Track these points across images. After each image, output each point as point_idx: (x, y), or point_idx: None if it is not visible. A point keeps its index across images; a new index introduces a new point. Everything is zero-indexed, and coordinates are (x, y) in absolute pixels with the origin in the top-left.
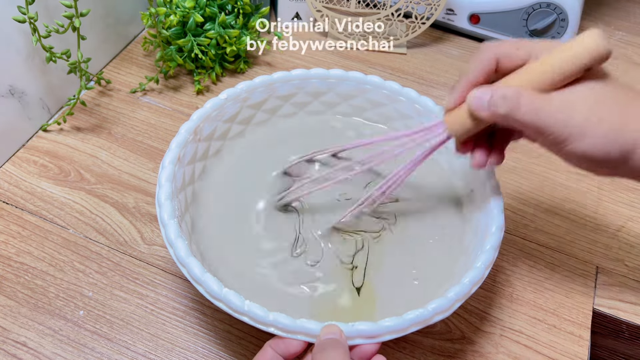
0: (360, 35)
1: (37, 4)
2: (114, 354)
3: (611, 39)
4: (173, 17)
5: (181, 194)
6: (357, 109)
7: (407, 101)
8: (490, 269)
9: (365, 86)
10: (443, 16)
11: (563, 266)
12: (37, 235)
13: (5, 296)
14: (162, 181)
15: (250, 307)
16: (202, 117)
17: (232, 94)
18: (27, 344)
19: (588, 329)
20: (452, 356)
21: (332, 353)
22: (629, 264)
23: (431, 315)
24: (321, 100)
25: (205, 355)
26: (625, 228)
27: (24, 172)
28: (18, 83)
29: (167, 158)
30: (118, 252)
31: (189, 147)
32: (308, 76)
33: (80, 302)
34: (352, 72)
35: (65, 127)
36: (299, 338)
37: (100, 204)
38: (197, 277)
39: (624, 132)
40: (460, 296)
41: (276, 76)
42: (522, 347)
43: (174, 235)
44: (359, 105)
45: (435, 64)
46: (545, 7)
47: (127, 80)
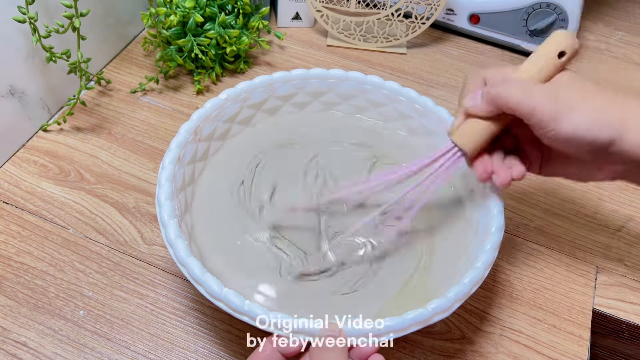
0: (360, 35)
1: (37, 4)
2: (114, 353)
3: (611, 39)
4: (173, 17)
5: (181, 194)
6: (357, 108)
7: (407, 101)
8: (490, 269)
9: (365, 86)
10: (443, 16)
11: (563, 266)
12: (37, 235)
13: (6, 296)
14: (162, 181)
15: (250, 306)
16: (202, 117)
17: (232, 94)
18: (27, 344)
19: (588, 329)
20: (452, 356)
21: (329, 351)
22: (628, 264)
23: (431, 315)
24: (321, 100)
25: (205, 355)
26: (625, 228)
27: (24, 172)
28: (18, 83)
29: (167, 158)
30: (118, 252)
31: (189, 147)
32: (308, 76)
33: (80, 302)
34: (352, 72)
35: (65, 127)
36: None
37: (100, 204)
38: (197, 277)
39: (610, 112)
40: (460, 296)
41: (276, 76)
42: (522, 347)
43: (174, 235)
44: (359, 105)
45: (435, 64)
46: (545, 7)
47: (127, 80)
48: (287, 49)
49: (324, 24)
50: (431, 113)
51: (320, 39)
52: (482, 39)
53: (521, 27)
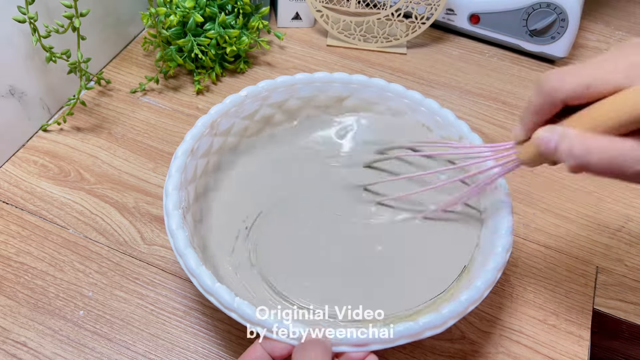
0: (360, 35)
1: (37, 4)
2: (114, 354)
3: (611, 39)
4: (173, 17)
5: (190, 186)
6: None
7: (428, 112)
8: (490, 290)
9: (387, 94)
10: (443, 16)
11: (563, 266)
12: (37, 235)
13: (5, 296)
14: (172, 171)
15: (240, 304)
16: (221, 111)
17: (252, 91)
18: (27, 344)
19: (588, 329)
20: (452, 356)
21: (311, 352)
22: (628, 264)
23: (422, 330)
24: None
25: (205, 355)
26: (625, 228)
27: (23, 172)
28: (18, 83)
29: (181, 149)
30: (118, 252)
31: (204, 140)
32: (331, 79)
33: (80, 302)
34: (374, 79)
35: (65, 127)
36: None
37: (100, 204)
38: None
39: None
40: (455, 314)
41: (298, 77)
42: (522, 347)
43: (176, 226)
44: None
45: (435, 64)
46: (546, 7)
47: (127, 80)
48: (287, 49)
49: (324, 24)
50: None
51: (320, 39)
52: (482, 39)
53: (521, 27)
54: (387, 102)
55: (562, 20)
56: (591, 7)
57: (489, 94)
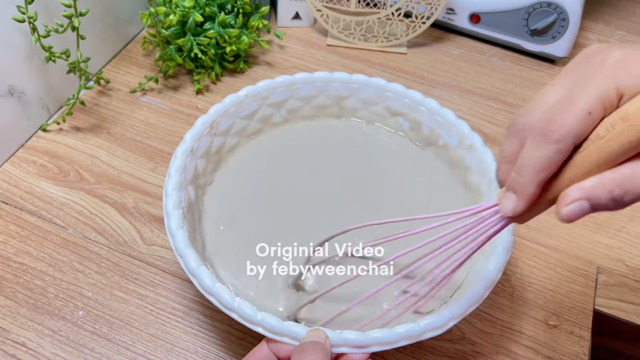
0: (361, 34)
1: (36, 4)
2: (113, 354)
3: (612, 39)
4: (173, 17)
5: (190, 187)
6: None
7: (428, 112)
8: (490, 290)
9: (386, 94)
10: (443, 16)
11: (563, 266)
12: (36, 235)
13: (5, 296)
14: (172, 172)
15: (240, 304)
16: (220, 111)
17: (252, 91)
18: (26, 344)
19: (588, 329)
20: (452, 356)
21: (310, 355)
22: (629, 264)
23: (422, 331)
24: (341, 105)
25: (205, 356)
26: (625, 228)
27: (23, 172)
28: (17, 83)
29: (180, 149)
30: (117, 252)
31: (204, 140)
32: (331, 79)
33: (79, 303)
34: (374, 79)
35: (65, 127)
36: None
37: (99, 204)
38: (192, 269)
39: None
40: (455, 315)
41: (298, 77)
42: (522, 347)
43: (176, 226)
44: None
45: (436, 64)
46: (546, 7)
47: (126, 80)
48: (287, 48)
49: (324, 24)
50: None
51: (320, 39)
52: (483, 38)
53: (522, 26)
54: (387, 102)
55: (562, 20)
56: (592, 7)
57: (490, 94)
